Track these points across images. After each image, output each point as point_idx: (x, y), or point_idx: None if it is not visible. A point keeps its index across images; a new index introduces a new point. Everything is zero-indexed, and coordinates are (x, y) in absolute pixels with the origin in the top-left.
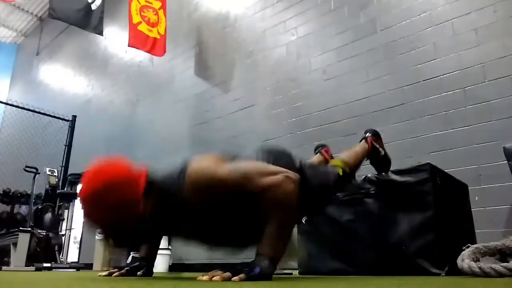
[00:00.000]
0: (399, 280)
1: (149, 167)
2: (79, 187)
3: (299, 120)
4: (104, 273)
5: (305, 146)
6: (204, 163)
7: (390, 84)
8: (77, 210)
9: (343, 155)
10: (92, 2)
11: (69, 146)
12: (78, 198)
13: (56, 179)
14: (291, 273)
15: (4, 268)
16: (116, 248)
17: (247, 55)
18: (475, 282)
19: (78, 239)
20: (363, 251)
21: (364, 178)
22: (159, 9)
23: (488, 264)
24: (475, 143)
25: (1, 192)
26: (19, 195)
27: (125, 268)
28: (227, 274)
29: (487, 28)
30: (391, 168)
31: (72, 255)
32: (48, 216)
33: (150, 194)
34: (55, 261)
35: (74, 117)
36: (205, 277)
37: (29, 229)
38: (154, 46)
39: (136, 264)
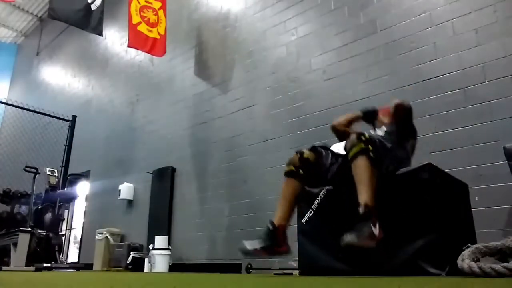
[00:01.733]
0: (399, 280)
1: None
2: (79, 187)
3: (299, 120)
4: None
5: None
6: None
7: (390, 84)
8: (77, 210)
9: None
10: (92, 3)
11: (69, 146)
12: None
13: (56, 179)
14: (291, 273)
15: (4, 268)
16: None
17: (247, 55)
18: (475, 282)
19: (78, 239)
20: (364, 251)
21: None
22: (159, 9)
23: (488, 264)
24: (475, 143)
25: (1, 192)
26: (19, 195)
27: None
28: None
29: (487, 28)
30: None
31: (72, 255)
32: (48, 216)
33: None
34: (55, 261)
35: (74, 117)
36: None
37: (29, 229)
38: (154, 47)
39: None
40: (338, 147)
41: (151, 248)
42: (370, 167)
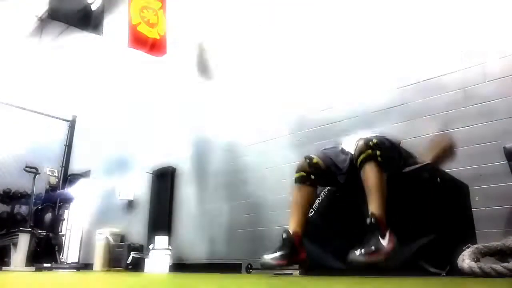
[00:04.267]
0: (399, 280)
1: None
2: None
3: (300, 120)
4: None
5: (305, 145)
6: None
7: (390, 84)
8: (77, 210)
9: None
10: (92, 3)
11: (69, 146)
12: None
13: (56, 179)
14: (291, 273)
15: (4, 268)
16: None
17: (247, 55)
18: (475, 282)
19: (78, 239)
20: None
21: None
22: (159, 9)
23: (489, 264)
24: (475, 143)
25: (1, 192)
26: (19, 195)
27: None
28: None
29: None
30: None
31: (72, 255)
32: (48, 216)
33: None
34: (55, 261)
35: (74, 117)
36: None
37: (29, 229)
38: (154, 47)
39: None
40: (351, 143)
41: (151, 248)
42: (378, 173)
